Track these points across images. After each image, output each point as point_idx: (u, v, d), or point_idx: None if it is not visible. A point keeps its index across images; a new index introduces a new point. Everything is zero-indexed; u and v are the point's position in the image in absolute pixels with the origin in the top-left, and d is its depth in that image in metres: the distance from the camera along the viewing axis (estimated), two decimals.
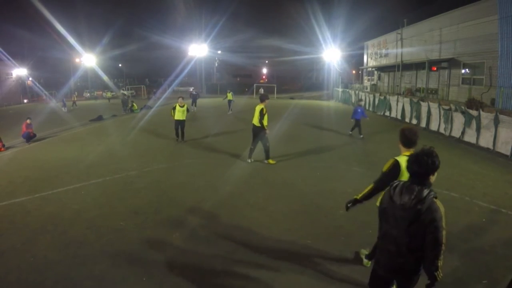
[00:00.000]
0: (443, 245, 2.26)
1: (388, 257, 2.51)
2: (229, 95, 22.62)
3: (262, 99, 8.70)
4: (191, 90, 26.04)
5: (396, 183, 2.49)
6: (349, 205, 3.59)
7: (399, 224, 2.38)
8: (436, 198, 2.30)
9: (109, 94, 40.38)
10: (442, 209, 2.27)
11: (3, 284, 3.78)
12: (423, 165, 2.31)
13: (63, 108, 25.89)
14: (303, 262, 4.20)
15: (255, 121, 8.57)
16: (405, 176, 3.07)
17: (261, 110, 8.43)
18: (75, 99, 30.83)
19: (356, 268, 4.07)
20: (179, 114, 11.54)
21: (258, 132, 8.61)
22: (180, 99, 11.78)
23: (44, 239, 4.80)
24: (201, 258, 4.29)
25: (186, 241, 4.75)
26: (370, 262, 4.04)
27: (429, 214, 2.24)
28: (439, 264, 2.27)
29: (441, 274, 2.32)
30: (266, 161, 8.86)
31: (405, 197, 2.33)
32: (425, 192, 2.29)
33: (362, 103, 14.08)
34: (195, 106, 23.57)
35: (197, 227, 5.19)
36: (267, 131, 8.61)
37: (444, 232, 2.25)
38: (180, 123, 11.69)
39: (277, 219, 5.46)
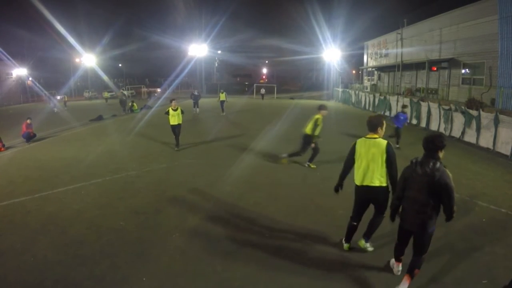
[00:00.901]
0: (454, 196, 3.20)
1: (412, 214, 3.40)
2: (222, 96, 21.16)
3: (320, 109, 8.16)
4: (193, 90, 24.45)
5: (415, 160, 3.40)
6: (338, 188, 4.34)
7: (421, 188, 3.30)
8: (445, 167, 3.24)
9: (106, 94, 37.95)
10: (450, 174, 3.23)
11: (3, 284, 3.78)
12: (430, 144, 3.30)
13: (54, 109, 25.16)
14: (303, 262, 4.20)
15: (308, 130, 8.15)
16: (358, 153, 4.01)
17: (316, 120, 8.00)
18: (67, 99, 30.08)
19: (357, 267, 4.07)
20: (174, 118, 10.69)
21: (308, 140, 8.23)
22: (173, 102, 10.83)
23: (44, 239, 4.80)
24: (201, 258, 4.29)
25: (186, 241, 4.75)
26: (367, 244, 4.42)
27: (443, 178, 3.18)
28: (454, 208, 3.23)
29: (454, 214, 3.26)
30: (307, 164, 8.52)
31: (425, 168, 3.26)
32: (438, 164, 3.24)
33: (407, 109, 11.77)
34: (198, 107, 22.09)
35: (197, 227, 5.19)
36: (313, 144, 8.23)
37: (453, 188, 3.20)
38: (176, 128, 10.78)
39: (277, 219, 5.46)
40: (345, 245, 4.46)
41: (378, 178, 3.90)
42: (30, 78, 40.08)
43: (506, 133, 10.20)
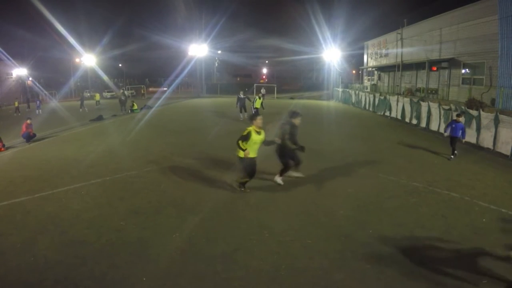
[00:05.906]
0: None
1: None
2: (258, 102, 17.19)
3: None
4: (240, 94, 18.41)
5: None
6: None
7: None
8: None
9: (97, 97, 30.30)
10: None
11: (3, 284, 3.78)
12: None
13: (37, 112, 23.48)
14: (303, 262, 4.20)
15: None
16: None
17: None
18: (17, 104, 25.41)
19: (357, 268, 4.08)
20: (257, 147, 6.43)
21: None
22: (259, 119, 6.38)
23: (44, 239, 4.79)
24: (201, 258, 4.29)
25: (186, 241, 4.75)
26: None
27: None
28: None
29: None
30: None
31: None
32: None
33: (462, 119, 9.31)
34: (245, 111, 17.82)
35: (197, 227, 5.19)
36: None
37: None
38: (255, 161, 6.51)
39: (277, 219, 5.46)
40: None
41: None
42: (30, 78, 40.10)
43: (506, 133, 10.20)
